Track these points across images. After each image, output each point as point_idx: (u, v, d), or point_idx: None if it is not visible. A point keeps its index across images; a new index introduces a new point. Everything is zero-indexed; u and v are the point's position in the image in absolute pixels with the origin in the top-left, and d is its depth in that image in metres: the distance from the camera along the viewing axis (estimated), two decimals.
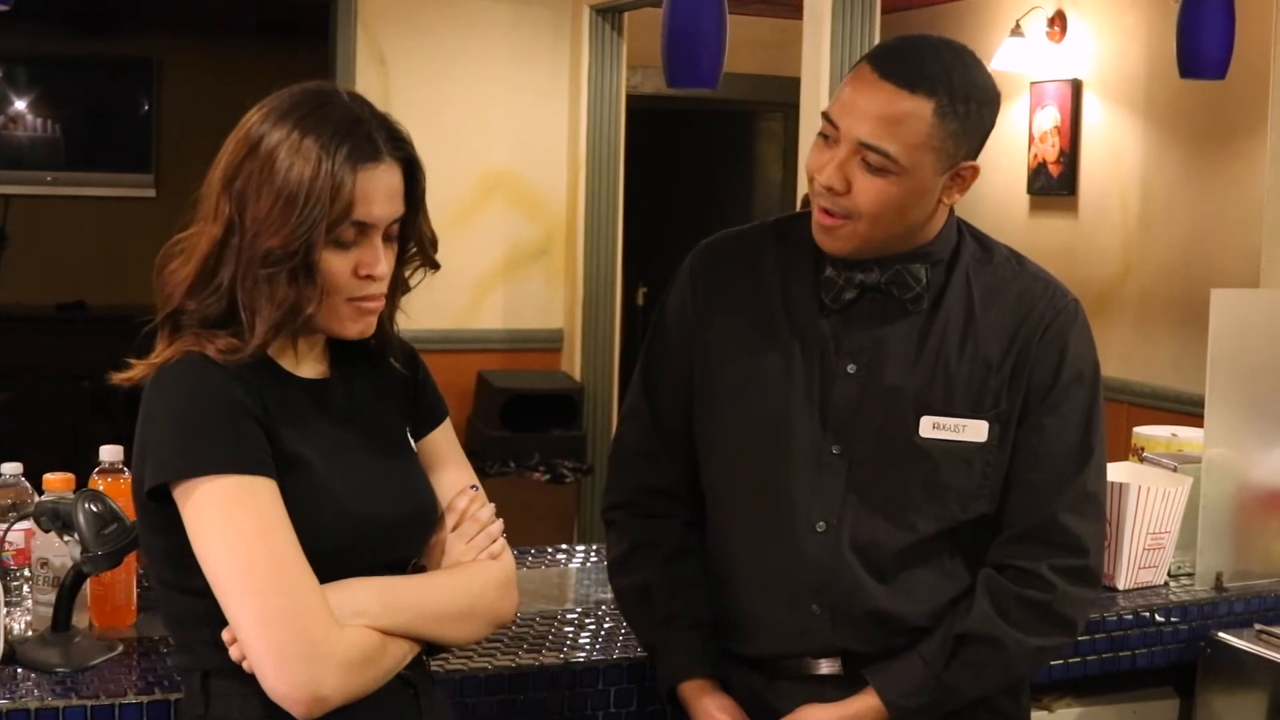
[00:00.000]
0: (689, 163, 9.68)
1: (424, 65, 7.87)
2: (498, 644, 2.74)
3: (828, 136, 2.36)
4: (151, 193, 9.38)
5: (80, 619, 2.65)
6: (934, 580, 2.43)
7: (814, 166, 2.37)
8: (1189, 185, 6.83)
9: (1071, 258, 7.51)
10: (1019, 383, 2.41)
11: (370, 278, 2.09)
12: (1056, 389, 2.42)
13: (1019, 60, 7.60)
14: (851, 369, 2.41)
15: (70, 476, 2.75)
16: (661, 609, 2.52)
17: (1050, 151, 7.61)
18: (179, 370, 2.04)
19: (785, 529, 2.42)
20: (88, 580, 2.62)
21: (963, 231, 2.50)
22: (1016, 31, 7.60)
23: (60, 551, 2.60)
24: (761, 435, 2.44)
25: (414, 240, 2.19)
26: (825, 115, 2.36)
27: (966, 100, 2.35)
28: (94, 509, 2.47)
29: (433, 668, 2.33)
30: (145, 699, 2.40)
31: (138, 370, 2.09)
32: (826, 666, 2.45)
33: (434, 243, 2.23)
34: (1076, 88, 7.43)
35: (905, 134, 2.30)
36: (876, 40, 6.08)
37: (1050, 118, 7.61)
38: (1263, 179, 4.19)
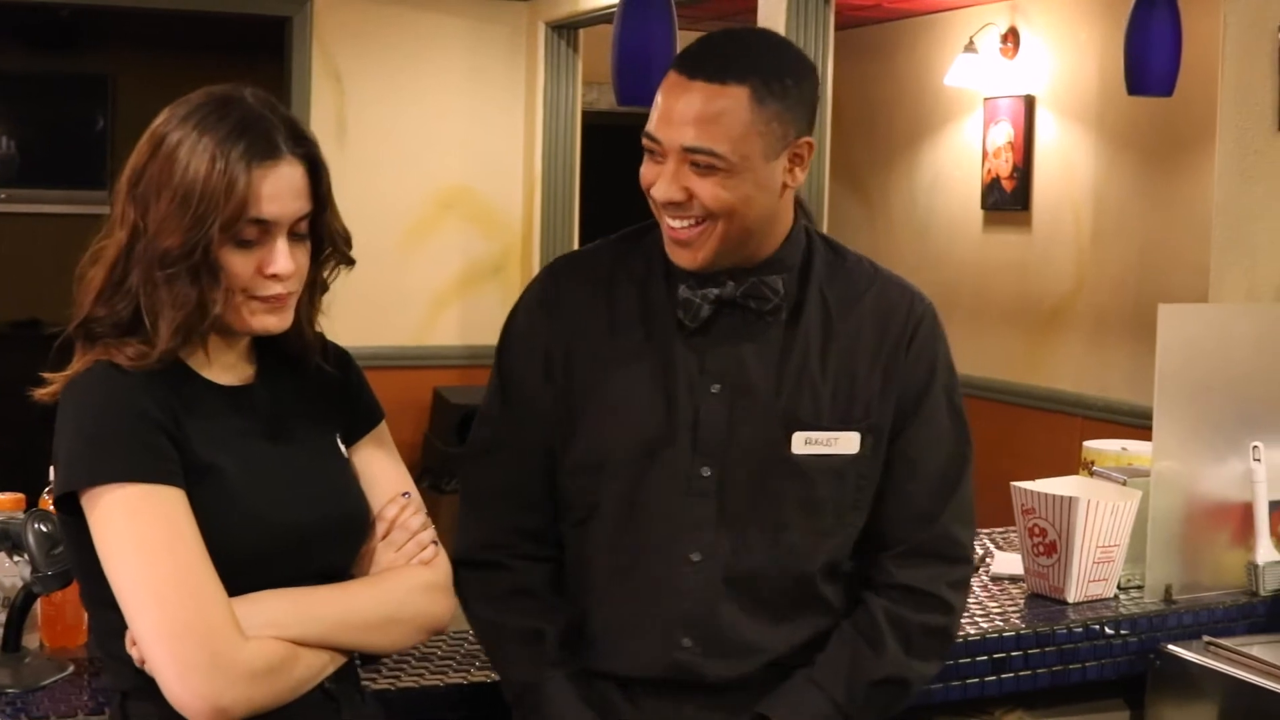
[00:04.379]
0: None
1: (379, 82, 7.87)
2: (450, 660, 2.75)
3: (653, 153, 2.31)
4: (106, 210, 9.29)
5: (31, 639, 2.64)
6: (812, 612, 2.41)
7: (647, 181, 2.32)
8: (1141, 200, 6.88)
9: (1025, 272, 7.55)
10: (889, 393, 2.39)
11: (275, 276, 2.08)
12: (930, 398, 2.42)
13: (973, 76, 7.64)
14: (716, 389, 2.35)
15: (20, 496, 2.75)
16: (550, 655, 2.39)
17: (1004, 167, 7.65)
18: (86, 381, 2.04)
19: (657, 559, 2.36)
20: (38, 600, 2.61)
21: (812, 237, 2.48)
22: (970, 48, 7.64)
23: (10, 572, 2.60)
24: (631, 462, 2.36)
25: (326, 238, 2.17)
26: (646, 134, 2.30)
27: (781, 78, 2.29)
28: (44, 529, 2.46)
29: (383, 685, 2.33)
30: (96, 719, 2.39)
31: (56, 385, 2.08)
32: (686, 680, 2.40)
33: (347, 239, 2.20)
34: (1030, 103, 7.47)
35: (727, 128, 2.25)
36: (831, 55, 6.11)
37: (1004, 133, 7.65)
38: (1212, 195, 4.23)
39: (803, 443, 2.35)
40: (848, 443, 2.37)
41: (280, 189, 2.07)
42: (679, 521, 2.35)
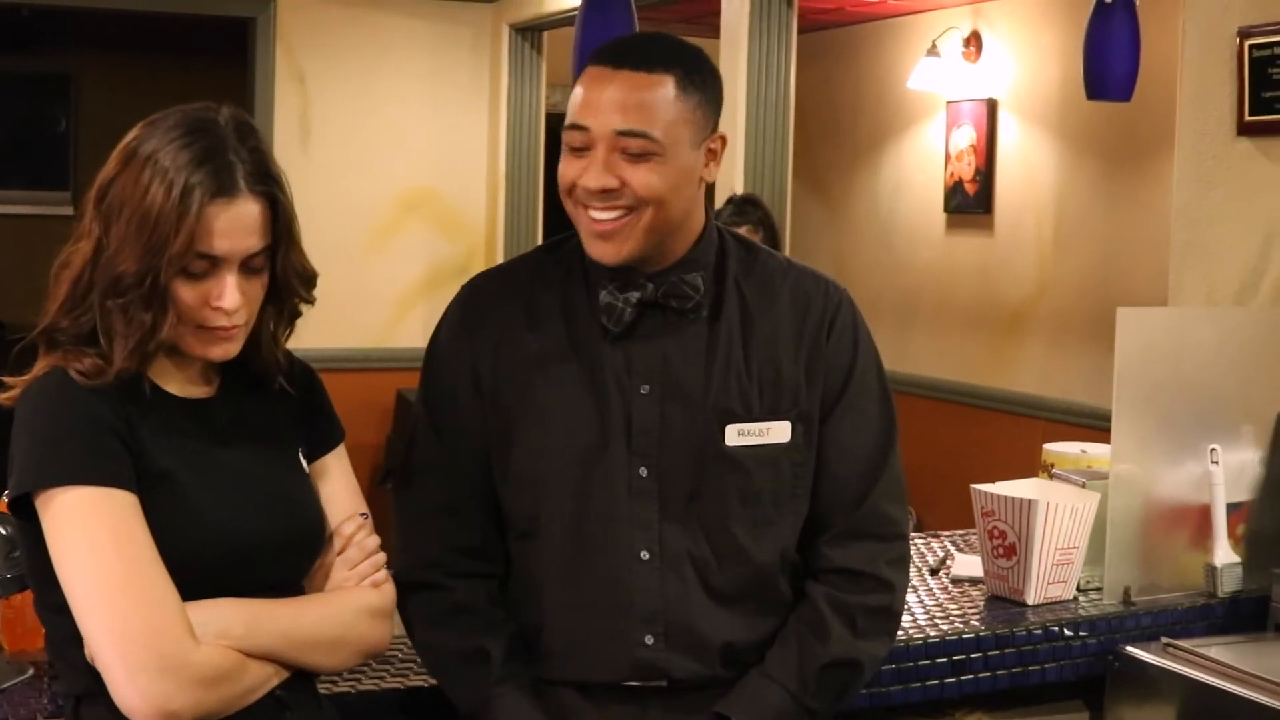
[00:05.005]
0: None
1: (343, 83, 7.86)
2: (410, 664, 2.74)
3: (577, 147, 2.33)
4: (69, 210, 9.30)
5: None
6: (770, 605, 2.43)
7: (571, 176, 2.34)
8: (1102, 204, 6.91)
9: (987, 275, 7.58)
10: (815, 380, 2.43)
11: (221, 309, 2.08)
12: (853, 381, 2.45)
13: (935, 80, 7.67)
14: (645, 389, 2.38)
15: None
16: (497, 672, 2.37)
17: (966, 170, 7.68)
18: (44, 385, 2.05)
19: (608, 561, 2.37)
20: None
21: (724, 235, 2.50)
22: (933, 52, 7.66)
23: None
24: (570, 470, 2.38)
25: (283, 277, 2.16)
26: (571, 126, 2.33)
27: (701, 71, 2.36)
28: (2, 532, 2.46)
29: (343, 688, 2.33)
30: None
31: (16, 389, 2.09)
32: (650, 683, 2.41)
33: (304, 279, 2.20)
34: (992, 107, 7.50)
35: (658, 113, 2.30)
36: (793, 57, 6.13)
37: (966, 137, 7.67)
38: (1171, 199, 4.25)
39: (735, 435, 2.38)
40: (779, 432, 2.40)
41: (232, 226, 2.06)
42: (625, 522, 2.37)
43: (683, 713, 2.39)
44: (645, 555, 2.37)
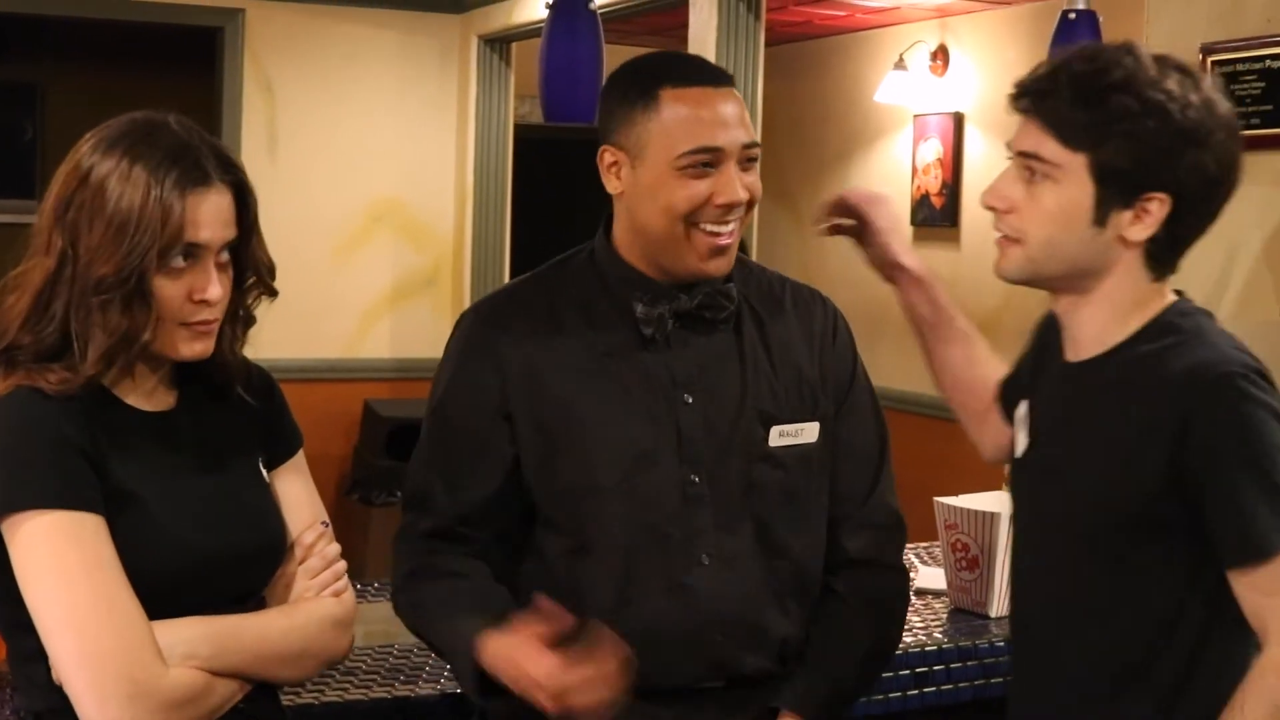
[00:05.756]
0: (577, 192, 9.65)
1: (311, 93, 7.85)
2: (375, 675, 2.75)
3: (709, 164, 2.36)
4: (34, 219, 9.26)
5: None
6: (811, 593, 2.51)
7: (703, 195, 2.36)
8: None
9: (954, 288, 7.54)
10: (826, 383, 2.53)
11: (204, 302, 2.09)
12: (855, 383, 2.58)
13: (902, 93, 7.70)
14: (689, 399, 2.43)
15: None
16: (463, 603, 2.37)
17: (933, 183, 7.71)
18: (7, 405, 2.04)
19: (673, 568, 2.41)
20: None
21: None
22: (900, 65, 7.70)
23: None
24: (623, 482, 2.40)
25: (250, 267, 2.19)
26: (701, 149, 2.35)
27: None
28: None
29: (306, 699, 2.33)
30: None
31: None
32: (709, 684, 2.44)
33: (270, 269, 2.22)
34: (959, 120, 7.53)
35: (750, 122, 2.45)
36: (761, 70, 6.14)
37: (933, 150, 7.70)
38: None
39: (778, 435, 2.47)
40: (811, 432, 2.50)
41: (211, 215, 2.08)
42: (682, 529, 2.41)
43: (736, 709, 2.44)
44: (706, 560, 2.42)
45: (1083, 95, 2.17)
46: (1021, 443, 2.38)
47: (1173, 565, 2.17)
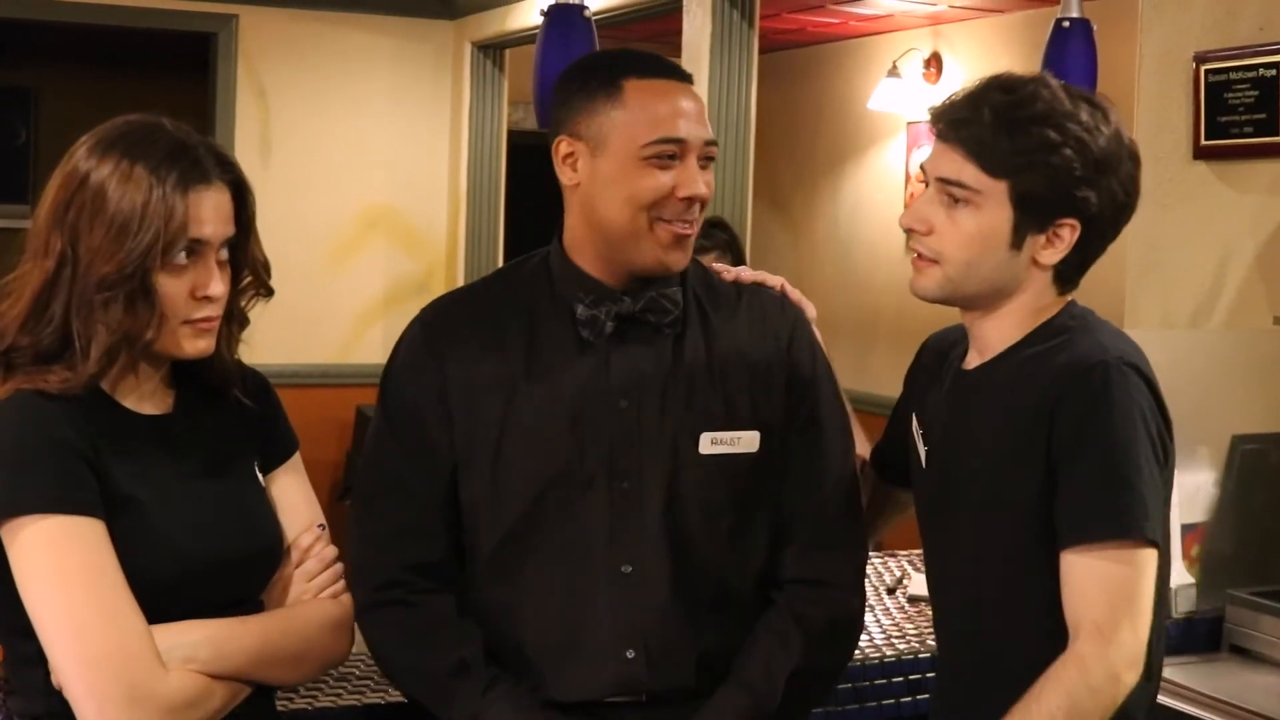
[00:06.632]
0: None
1: (305, 99, 7.85)
2: (368, 680, 2.75)
3: (673, 156, 2.35)
4: (28, 223, 9.23)
5: None
6: (743, 614, 2.44)
7: (667, 186, 2.35)
8: None
9: None
10: (777, 392, 2.46)
11: (207, 298, 2.10)
12: (813, 395, 2.49)
13: (896, 100, 7.70)
14: (624, 404, 2.39)
15: None
16: (482, 679, 2.35)
17: None
18: (7, 410, 2.04)
19: (590, 577, 2.37)
20: None
21: None
22: (893, 72, 7.70)
23: None
24: (552, 488, 2.37)
25: (247, 266, 2.20)
26: (665, 140, 2.34)
27: None
28: None
29: (300, 704, 2.33)
30: None
31: None
32: (625, 698, 2.40)
33: (266, 267, 2.23)
34: None
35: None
36: (754, 77, 6.15)
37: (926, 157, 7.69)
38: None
39: (709, 443, 2.40)
40: (749, 441, 2.42)
41: (213, 212, 2.10)
42: (607, 537, 2.37)
43: None
44: (627, 569, 2.37)
45: (1005, 125, 2.24)
46: (920, 452, 2.42)
47: None
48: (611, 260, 2.41)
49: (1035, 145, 2.22)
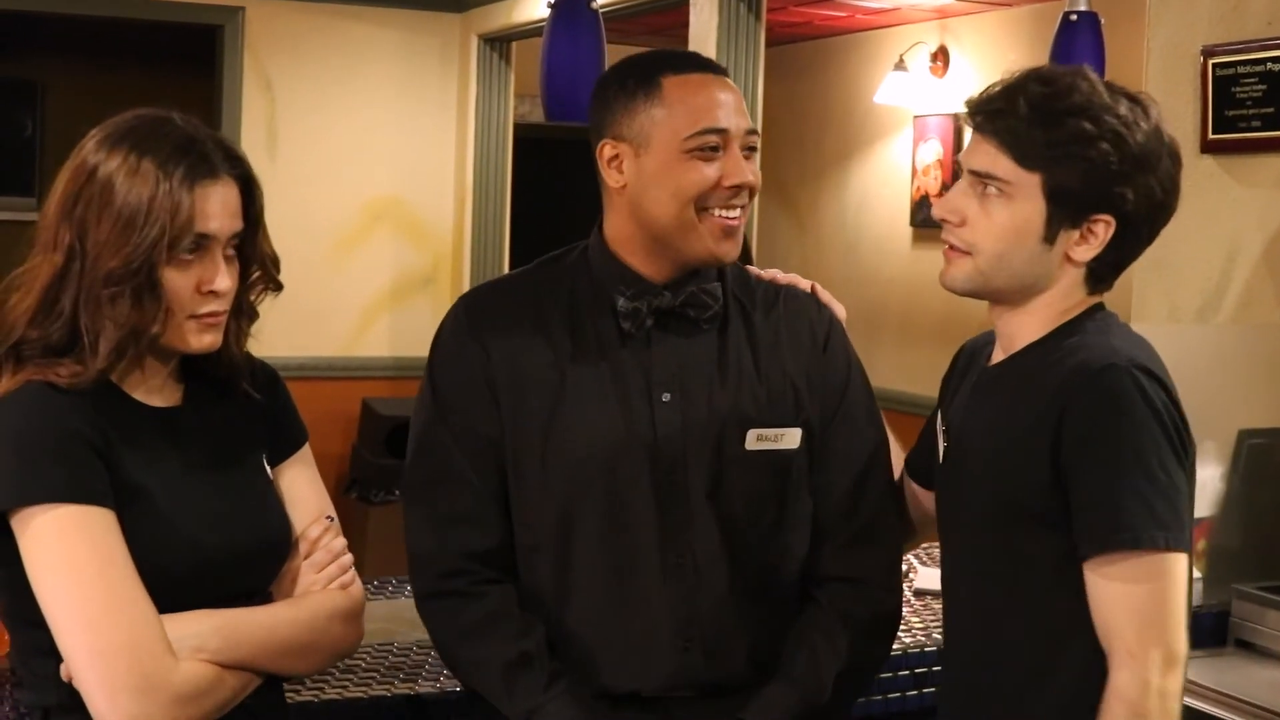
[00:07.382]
0: (576, 191, 9.64)
1: (311, 92, 7.85)
2: (374, 673, 2.75)
3: (716, 147, 2.37)
4: (34, 216, 9.18)
5: None
6: (784, 602, 2.47)
7: (713, 178, 2.36)
8: None
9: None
10: (814, 390, 2.48)
11: (213, 293, 2.10)
12: (849, 392, 2.52)
13: (902, 94, 7.70)
14: (667, 397, 2.40)
15: None
16: (544, 673, 2.35)
17: (933, 185, 7.71)
18: (17, 400, 2.05)
19: (643, 570, 2.38)
20: None
21: None
22: (900, 66, 7.70)
23: None
24: (598, 479, 2.38)
25: (255, 260, 2.20)
26: (709, 130, 2.36)
27: None
28: None
29: (306, 697, 2.33)
30: None
31: None
32: (679, 693, 2.41)
33: (275, 262, 2.23)
34: (958, 122, 7.52)
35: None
36: (761, 70, 6.15)
37: (933, 151, 7.71)
38: None
39: (755, 439, 2.42)
40: (791, 438, 2.45)
41: (220, 207, 2.10)
42: (658, 530, 2.39)
43: (706, 719, 2.40)
44: (679, 561, 2.39)
45: (1040, 117, 2.23)
46: (941, 447, 2.42)
47: (1072, 561, 2.18)
48: (661, 255, 2.43)
49: (1070, 137, 2.20)
